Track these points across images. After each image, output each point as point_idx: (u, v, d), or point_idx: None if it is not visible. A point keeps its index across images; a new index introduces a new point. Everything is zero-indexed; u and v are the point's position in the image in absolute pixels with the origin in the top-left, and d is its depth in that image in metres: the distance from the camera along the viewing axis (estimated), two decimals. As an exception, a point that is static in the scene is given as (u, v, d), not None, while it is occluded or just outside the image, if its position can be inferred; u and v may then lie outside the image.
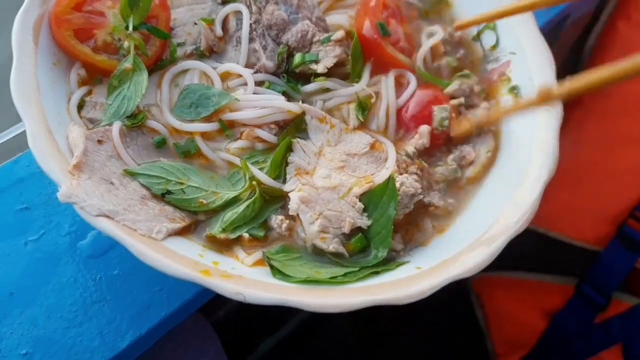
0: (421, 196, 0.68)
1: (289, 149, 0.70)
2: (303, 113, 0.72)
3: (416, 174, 0.71)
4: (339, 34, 0.77)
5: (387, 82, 0.78)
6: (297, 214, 0.65)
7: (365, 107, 0.76)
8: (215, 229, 0.65)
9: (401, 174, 0.69)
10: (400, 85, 0.79)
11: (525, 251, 1.34)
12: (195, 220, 0.65)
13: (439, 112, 0.75)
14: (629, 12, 1.26)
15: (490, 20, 0.83)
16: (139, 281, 0.71)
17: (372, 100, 0.76)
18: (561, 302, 1.32)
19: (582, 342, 1.31)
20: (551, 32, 1.14)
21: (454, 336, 1.55)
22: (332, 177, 0.69)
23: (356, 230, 0.67)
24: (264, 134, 0.70)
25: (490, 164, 0.75)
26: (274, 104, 0.71)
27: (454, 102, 0.78)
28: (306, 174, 0.69)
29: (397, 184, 0.66)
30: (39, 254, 0.72)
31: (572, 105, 1.33)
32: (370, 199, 0.67)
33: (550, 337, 1.36)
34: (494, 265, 1.52)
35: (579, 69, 1.45)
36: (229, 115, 0.70)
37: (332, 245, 0.65)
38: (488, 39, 0.85)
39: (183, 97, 0.71)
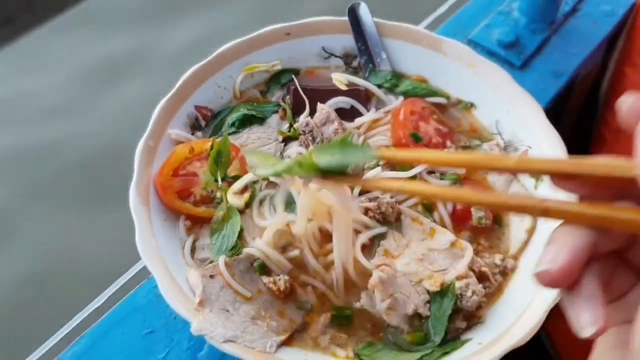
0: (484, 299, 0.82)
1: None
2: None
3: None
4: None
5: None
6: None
7: (429, 208, 0.90)
8: None
9: (481, 272, 0.84)
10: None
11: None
12: (294, 329, 0.80)
13: (476, 212, 0.89)
14: (634, 60, 1.38)
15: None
16: (251, 380, 0.87)
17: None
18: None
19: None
20: (565, 94, 1.28)
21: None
22: (411, 265, 0.83)
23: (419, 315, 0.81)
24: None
25: (528, 242, 0.88)
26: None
27: None
28: (391, 257, 0.84)
29: (469, 293, 0.79)
30: (168, 370, 0.88)
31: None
32: (436, 295, 0.81)
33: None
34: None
35: (597, 114, 1.57)
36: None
37: (394, 321, 0.80)
38: (505, 133, 0.99)
39: None
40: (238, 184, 0.87)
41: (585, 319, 0.44)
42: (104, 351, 0.89)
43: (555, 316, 1.51)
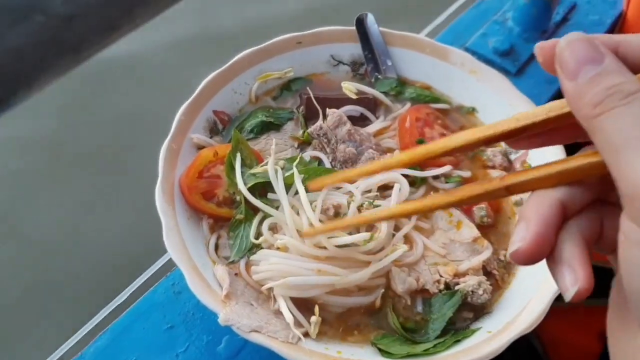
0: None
1: None
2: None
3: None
4: (396, 153, 0.99)
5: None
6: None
7: None
8: None
9: (489, 271, 0.89)
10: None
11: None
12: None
13: (478, 211, 0.95)
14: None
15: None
16: (268, 371, 0.91)
17: None
18: (611, 323, 1.45)
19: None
20: (558, 99, 1.34)
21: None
22: (429, 250, 0.91)
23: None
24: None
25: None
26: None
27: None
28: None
29: (480, 291, 0.84)
30: (189, 362, 0.92)
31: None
32: (443, 296, 0.87)
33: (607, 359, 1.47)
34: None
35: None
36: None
37: (400, 287, 0.85)
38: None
39: None
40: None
41: (566, 283, 0.44)
42: (126, 346, 0.93)
43: (546, 318, 1.56)
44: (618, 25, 1.45)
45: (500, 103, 1.05)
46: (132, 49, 2.28)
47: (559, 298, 1.58)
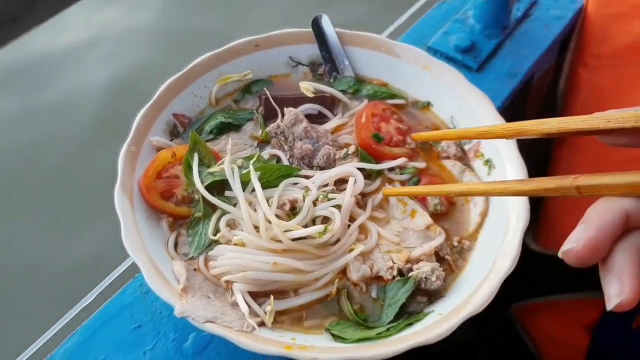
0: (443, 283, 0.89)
1: None
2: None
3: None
4: (352, 148, 1.01)
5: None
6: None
7: None
8: None
9: (442, 257, 0.92)
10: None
11: (554, 275, 1.50)
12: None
13: (432, 200, 0.98)
14: (585, 60, 1.48)
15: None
16: (233, 364, 0.93)
17: None
18: (598, 316, 1.46)
19: (624, 350, 1.42)
20: (521, 92, 1.37)
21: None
22: (384, 238, 0.93)
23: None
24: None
25: (482, 224, 0.97)
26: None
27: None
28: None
29: (433, 277, 0.86)
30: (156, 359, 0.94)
31: (558, 144, 1.53)
32: (397, 283, 0.89)
33: (595, 351, 1.47)
34: (529, 293, 1.65)
35: (556, 111, 1.66)
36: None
37: (355, 275, 0.88)
38: (459, 126, 1.08)
39: None
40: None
41: (610, 292, 0.46)
42: (96, 346, 0.95)
43: (534, 314, 1.58)
44: (580, 20, 1.48)
45: (454, 96, 1.08)
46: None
47: (544, 293, 1.61)
